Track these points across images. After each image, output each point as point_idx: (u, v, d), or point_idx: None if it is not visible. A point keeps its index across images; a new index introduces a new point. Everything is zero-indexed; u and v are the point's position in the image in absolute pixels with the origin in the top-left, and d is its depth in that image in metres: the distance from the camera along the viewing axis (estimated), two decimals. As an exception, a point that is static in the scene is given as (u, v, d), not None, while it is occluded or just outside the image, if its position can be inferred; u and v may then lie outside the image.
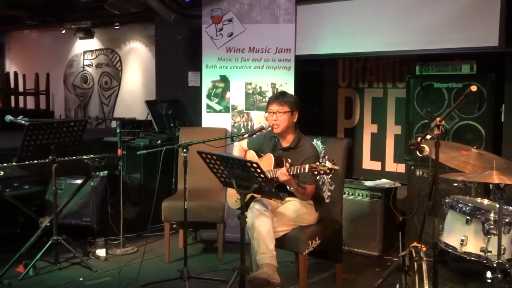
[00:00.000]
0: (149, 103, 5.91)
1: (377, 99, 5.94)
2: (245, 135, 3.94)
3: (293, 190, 3.64)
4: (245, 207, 3.47)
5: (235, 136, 4.19)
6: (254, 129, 4.04)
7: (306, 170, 3.42)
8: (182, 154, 3.82)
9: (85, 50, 10.08)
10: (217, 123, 5.28)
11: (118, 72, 9.58)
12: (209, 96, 5.34)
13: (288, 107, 3.79)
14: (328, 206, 4.21)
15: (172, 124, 5.63)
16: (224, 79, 5.30)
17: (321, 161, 3.43)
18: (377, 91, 5.96)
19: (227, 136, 5.00)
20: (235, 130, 5.25)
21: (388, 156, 5.83)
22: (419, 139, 2.91)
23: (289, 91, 4.67)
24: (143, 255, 4.35)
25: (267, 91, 5.18)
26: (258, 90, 5.22)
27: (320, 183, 4.28)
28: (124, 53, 9.46)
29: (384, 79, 5.90)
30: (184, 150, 3.79)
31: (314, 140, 4.34)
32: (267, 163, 3.74)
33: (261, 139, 4.04)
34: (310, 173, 3.45)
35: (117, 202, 4.94)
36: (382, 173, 5.73)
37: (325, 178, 4.29)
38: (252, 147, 4.10)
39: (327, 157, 4.24)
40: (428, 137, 2.84)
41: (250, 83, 5.24)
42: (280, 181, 3.56)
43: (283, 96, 3.87)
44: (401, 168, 5.25)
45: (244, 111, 5.28)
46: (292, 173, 3.52)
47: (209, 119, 5.34)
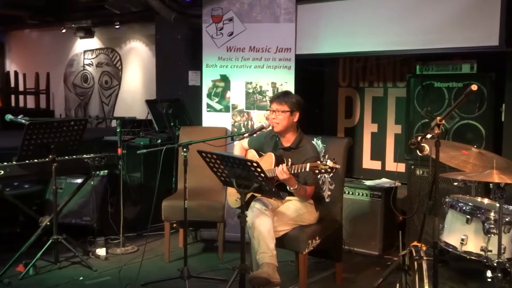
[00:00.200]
0: (149, 103, 5.91)
1: (378, 98, 5.94)
2: (245, 135, 3.94)
3: (293, 190, 3.64)
4: (245, 206, 3.47)
5: (235, 135, 4.20)
6: (254, 128, 4.04)
7: (307, 169, 3.42)
8: (182, 154, 3.81)
9: (86, 49, 10.08)
10: (217, 123, 5.28)
11: (118, 72, 9.58)
12: (209, 96, 5.34)
13: (288, 106, 3.79)
14: (328, 206, 4.21)
15: (172, 124, 5.63)
16: (225, 79, 5.30)
17: (322, 160, 3.43)
18: (378, 91, 5.95)
19: (227, 135, 4.99)
20: (235, 130, 5.25)
21: (388, 156, 5.83)
22: (419, 139, 2.91)
23: (289, 90, 4.66)
24: (143, 254, 4.36)
25: (268, 91, 5.18)
26: (259, 90, 5.22)
27: (320, 182, 4.28)
28: (125, 53, 9.46)
29: (384, 79, 5.90)
30: (184, 150, 3.79)
31: (314, 139, 4.34)
32: (267, 162, 3.74)
33: (262, 139, 4.04)
34: (311, 172, 3.44)
35: (117, 201, 4.94)
36: (382, 173, 5.73)
37: (325, 177, 4.29)
38: (253, 146, 4.10)
39: (327, 157, 4.24)
40: (429, 136, 2.84)
41: (251, 83, 5.24)
42: (280, 180, 3.55)
43: (285, 95, 3.87)
44: (401, 167, 5.25)
45: (244, 110, 5.27)
46: (293, 172, 3.52)
47: (209, 119, 5.34)
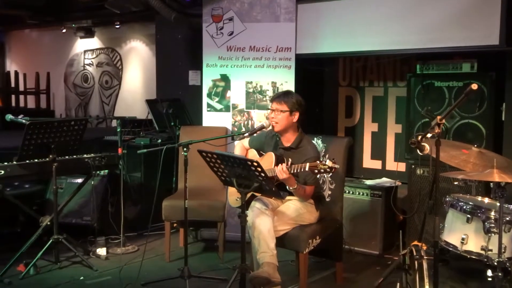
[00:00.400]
0: (149, 102, 5.91)
1: (378, 98, 5.94)
2: (246, 134, 3.94)
3: (292, 190, 3.64)
4: (245, 206, 3.47)
5: (235, 135, 4.19)
6: (255, 128, 4.04)
7: (307, 169, 3.42)
8: (183, 153, 3.82)
9: (86, 49, 10.07)
10: (217, 122, 5.28)
11: (119, 71, 9.58)
12: (209, 95, 5.34)
13: (287, 106, 3.79)
14: (329, 205, 4.20)
15: (172, 123, 5.63)
16: (225, 78, 5.30)
17: (321, 160, 3.43)
18: (378, 90, 5.95)
19: (227, 135, 4.99)
20: (236, 129, 5.25)
21: (389, 155, 5.83)
22: (419, 138, 2.91)
23: (290, 89, 4.66)
24: (143, 254, 4.35)
25: (268, 90, 5.17)
26: (259, 89, 5.22)
27: (321, 182, 4.28)
28: (125, 52, 9.45)
29: (384, 78, 5.90)
30: (185, 149, 3.79)
31: (315, 139, 4.34)
32: (268, 161, 3.74)
33: (262, 138, 4.04)
34: (310, 172, 3.44)
35: (118, 201, 4.95)
36: (382, 172, 5.73)
37: (325, 177, 4.29)
38: (253, 145, 4.10)
39: (327, 156, 4.24)
40: (429, 135, 2.84)
41: (251, 82, 5.24)
42: (280, 179, 3.55)
43: (285, 95, 3.87)
44: (401, 167, 5.25)
45: (245, 110, 5.27)
46: (293, 172, 3.52)
47: (210, 118, 5.34)
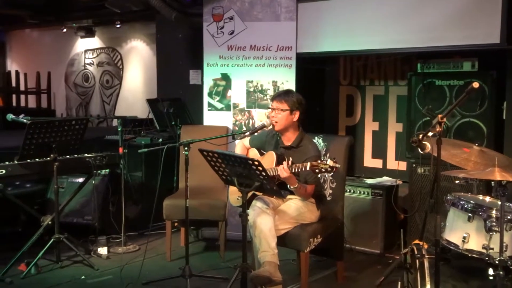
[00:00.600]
0: (150, 102, 5.91)
1: (379, 96, 5.94)
2: (247, 133, 3.94)
3: (293, 189, 3.64)
4: (246, 205, 3.47)
5: (236, 134, 4.19)
6: (256, 127, 4.04)
7: (308, 168, 3.42)
8: (184, 152, 3.82)
9: (86, 48, 10.08)
10: (218, 121, 5.28)
11: (119, 71, 9.58)
12: (210, 94, 5.34)
13: (287, 105, 3.79)
14: (330, 204, 4.20)
15: (173, 123, 5.63)
16: (225, 77, 5.30)
17: (322, 159, 3.43)
18: (379, 89, 5.95)
19: (228, 134, 4.99)
20: (237, 128, 5.25)
21: (390, 154, 5.83)
22: (420, 137, 2.91)
23: (290, 88, 4.66)
24: (144, 253, 4.35)
25: (269, 89, 5.17)
26: (260, 88, 5.22)
27: (322, 181, 4.28)
28: (125, 52, 9.46)
29: (385, 77, 5.89)
30: (186, 148, 3.79)
31: (316, 138, 4.33)
32: (269, 160, 3.74)
33: (263, 137, 4.04)
34: (311, 171, 3.44)
35: (119, 201, 4.95)
36: (383, 171, 5.73)
37: (326, 176, 4.29)
38: (254, 145, 4.10)
39: (328, 155, 4.24)
40: (430, 134, 2.84)
41: (252, 81, 5.24)
42: (281, 178, 3.55)
43: (285, 94, 3.87)
44: (402, 165, 5.25)
45: (246, 109, 5.27)
46: (293, 171, 3.52)
47: (211, 117, 5.34)
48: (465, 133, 4.44)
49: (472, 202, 3.17)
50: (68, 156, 4.52)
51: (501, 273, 2.88)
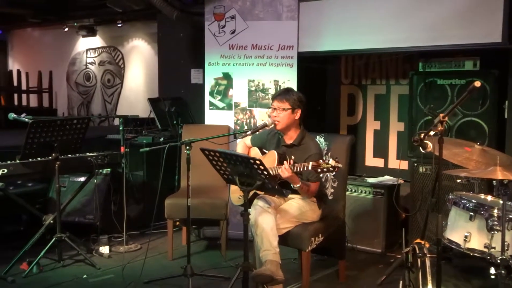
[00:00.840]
0: (152, 101, 5.91)
1: (380, 96, 5.93)
2: (248, 132, 3.94)
3: (297, 187, 3.63)
4: (248, 204, 3.47)
5: (238, 133, 4.19)
6: (257, 126, 4.04)
7: (310, 168, 3.42)
8: (185, 152, 3.82)
9: (88, 48, 10.08)
10: (220, 121, 5.28)
11: (121, 70, 9.59)
12: (211, 94, 5.34)
13: (289, 104, 3.78)
14: (331, 203, 4.20)
15: (175, 122, 5.64)
16: (227, 76, 5.30)
17: (324, 159, 3.43)
18: (380, 88, 5.95)
19: (230, 133, 4.99)
20: (238, 127, 5.25)
21: (391, 153, 5.83)
22: (422, 136, 2.90)
23: (292, 88, 4.65)
24: (146, 252, 4.36)
25: (270, 88, 5.17)
26: (261, 87, 5.22)
27: (323, 180, 4.28)
28: (127, 51, 9.46)
29: (387, 76, 5.89)
30: (187, 148, 3.79)
31: (317, 137, 4.33)
32: (270, 160, 3.74)
33: (264, 136, 4.04)
34: (313, 171, 3.44)
35: (120, 200, 4.96)
36: (385, 170, 5.73)
37: (328, 175, 4.29)
38: (255, 144, 4.10)
39: (329, 154, 4.24)
40: (432, 133, 2.84)
41: (253, 80, 5.24)
42: (283, 178, 3.55)
43: (286, 93, 3.86)
44: (404, 165, 5.25)
45: (247, 108, 5.27)
46: (295, 170, 3.52)
47: (212, 117, 5.34)
48: (467, 132, 4.44)
49: (473, 201, 3.18)
50: (69, 155, 4.53)
51: (503, 272, 2.88)
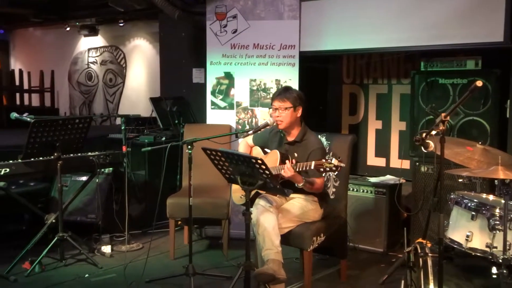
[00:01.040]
0: (153, 100, 5.92)
1: (382, 95, 5.94)
2: (250, 132, 3.94)
3: (301, 186, 3.63)
4: (250, 203, 3.47)
5: (239, 132, 4.19)
6: (259, 125, 4.04)
7: (312, 167, 3.42)
8: (187, 151, 3.82)
9: (90, 47, 10.09)
10: (221, 120, 5.28)
11: (123, 69, 9.59)
12: (213, 93, 5.35)
13: (290, 102, 3.78)
14: (333, 203, 4.21)
15: (176, 121, 5.64)
16: (229, 76, 5.31)
17: (327, 158, 3.42)
18: (382, 87, 5.95)
19: (231, 132, 5.00)
20: (240, 127, 5.25)
21: (393, 153, 5.83)
22: (424, 135, 2.90)
23: (293, 87, 4.65)
24: (148, 251, 4.36)
25: (272, 88, 5.17)
26: (263, 87, 5.22)
27: (325, 179, 4.27)
28: (129, 50, 9.47)
29: (388, 75, 5.89)
30: (189, 147, 3.80)
31: (319, 136, 4.33)
32: (272, 159, 3.74)
33: (266, 135, 4.04)
34: (316, 170, 3.44)
35: (122, 199, 4.96)
36: (386, 170, 5.73)
37: (330, 174, 4.28)
38: (257, 143, 4.10)
39: (331, 153, 4.24)
40: (433, 133, 2.83)
41: (255, 80, 5.24)
42: (285, 178, 3.55)
43: (286, 92, 3.86)
44: (405, 164, 5.24)
45: (249, 107, 5.28)
46: (298, 170, 3.52)
47: (214, 116, 5.35)
48: (469, 132, 4.44)
49: (475, 200, 3.17)
50: (71, 155, 4.54)
51: (505, 271, 2.88)
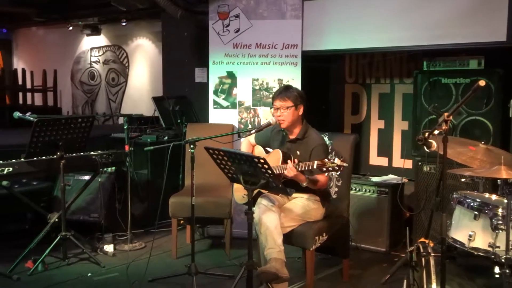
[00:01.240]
0: (156, 99, 5.92)
1: (384, 94, 5.93)
2: (252, 131, 3.95)
3: (305, 185, 3.62)
4: (252, 202, 3.47)
5: (242, 132, 4.19)
6: (261, 125, 4.04)
7: (315, 167, 3.41)
8: (190, 150, 3.82)
9: (92, 46, 10.11)
10: (224, 119, 5.28)
11: (125, 69, 9.61)
12: (216, 92, 5.35)
13: (291, 101, 3.78)
14: (335, 202, 4.21)
15: (179, 120, 5.64)
16: (231, 75, 5.31)
17: (330, 158, 3.42)
18: (384, 87, 5.94)
19: (234, 132, 5.00)
20: (242, 126, 5.25)
21: (395, 152, 5.82)
22: (426, 135, 2.90)
23: (295, 86, 4.65)
24: (150, 250, 4.36)
25: (274, 87, 5.17)
26: (265, 86, 5.22)
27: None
28: (131, 50, 9.48)
29: (391, 75, 5.89)
30: (192, 146, 3.80)
31: (321, 135, 4.33)
32: (274, 159, 3.74)
33: (268, 134, 4.04)
34: (318, 170, 3.44)
35: (125, 198, 4.96)
36: (389, 169, 5.72)
37: (332, 174, 4.28)
38: (259, 142, 4.10)
39: (334, 153, 4.24)
40: (436, 132, 2.83)
41: (257, 79, 5.24)
42: (288, 177, 3.55)
43: (286, 91, 3.86)
44: (408, 164, 5.24)
45: (251, 107, 5.28)
46: (300, 170, 3.52)
47: (216, 115, 5.35)
48: (471, 131, 4.43)
49: (478, 200, 3.17)
50: (74, 154, 4.54)
51: (507, 271, 2.87)
